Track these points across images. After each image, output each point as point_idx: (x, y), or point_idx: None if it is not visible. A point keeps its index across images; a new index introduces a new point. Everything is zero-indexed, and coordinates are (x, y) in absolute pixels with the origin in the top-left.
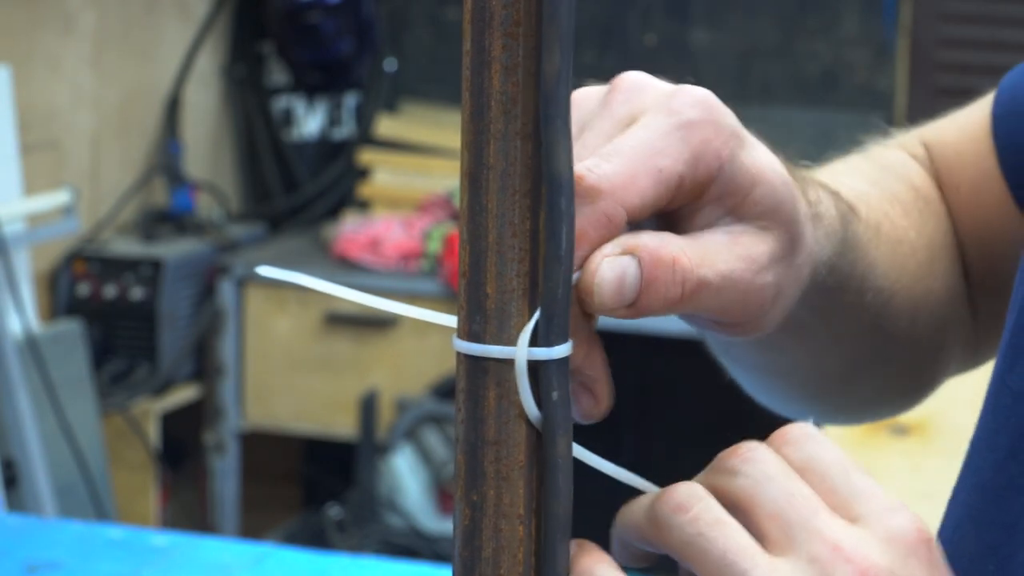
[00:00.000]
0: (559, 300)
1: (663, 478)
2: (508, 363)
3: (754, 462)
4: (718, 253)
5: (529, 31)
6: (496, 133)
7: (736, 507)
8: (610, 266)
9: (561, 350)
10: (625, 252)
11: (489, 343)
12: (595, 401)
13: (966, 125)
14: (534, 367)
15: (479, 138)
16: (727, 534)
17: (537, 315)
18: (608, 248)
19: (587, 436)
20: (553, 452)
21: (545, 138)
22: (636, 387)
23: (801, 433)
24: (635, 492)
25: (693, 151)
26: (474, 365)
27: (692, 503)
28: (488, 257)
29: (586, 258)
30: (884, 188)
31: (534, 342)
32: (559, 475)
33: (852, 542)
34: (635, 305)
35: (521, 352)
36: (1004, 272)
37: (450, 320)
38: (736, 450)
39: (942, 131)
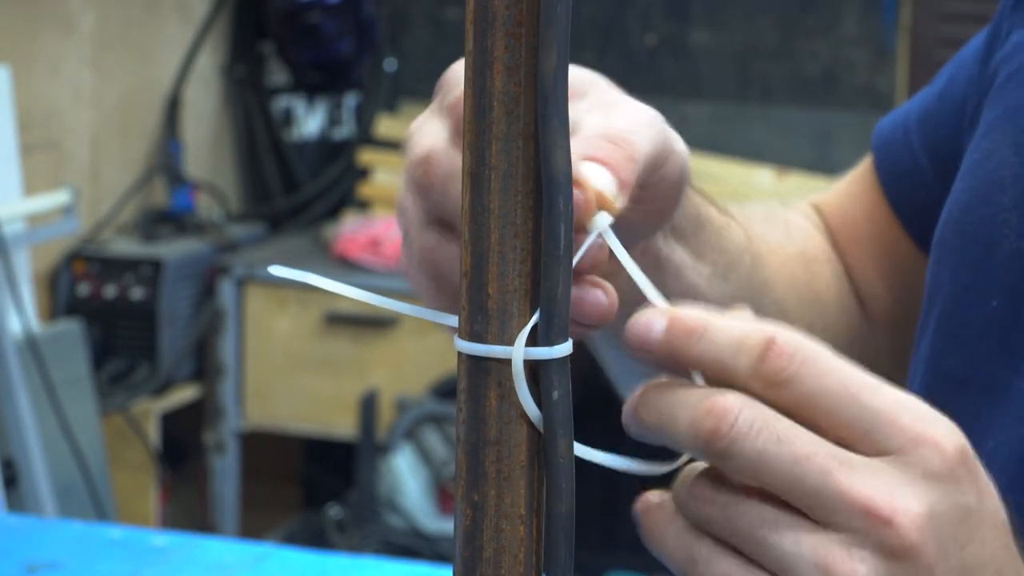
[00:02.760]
0: (559, 299)
1: (661, 476)
2: (509, 363)
3: (741, 436)
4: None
5: (531, 31)
6: (498, 133)
7: (745, 490)
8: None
9: (561, 349)
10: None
11: (491, 343)
12: (605, 293)
13: (853, 177)
14: (534, 367)
15: (481, 138)
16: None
17: (536, 315)
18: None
19: (588, 435)
20: (554, 452)
21: (542, 137)
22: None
23: (786, 358)
24: (630, 490)
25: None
26: (475, 365)
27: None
28: (490, 257)
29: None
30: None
31: (533, 342)
32: (561, 475)
33: (884, 496)
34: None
35: (518, 352)
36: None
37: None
38: (716, 426)
39: (832, 191)
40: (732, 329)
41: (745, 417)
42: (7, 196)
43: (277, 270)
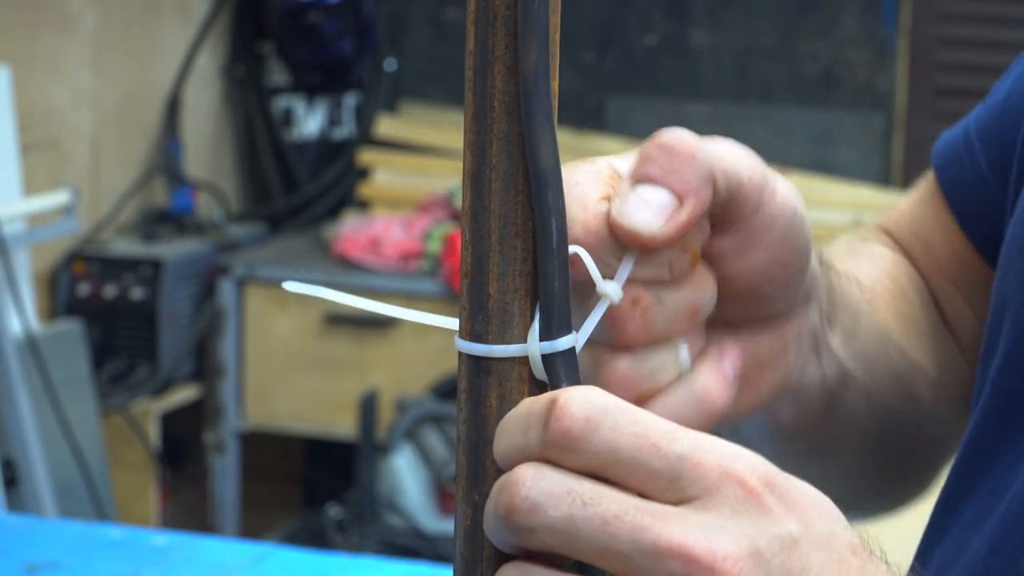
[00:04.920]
0: (557, 292)
1: None
2: (510, 363)
3: (539, 505)
4: None
5: None
6: (499, 133)
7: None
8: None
9: (565, 342)
10: None
11: (491, 343)
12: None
13: (918, 198)
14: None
15: (482, 138)
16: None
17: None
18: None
19: None
20: None
21: (527, 133)
22: None
23: (569, 419)
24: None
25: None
26: (476, 365)
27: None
28: (490, 257)
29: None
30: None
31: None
32: None
33: (702, 543)
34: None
35: (533, 348)
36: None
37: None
38: (510, 500)
39: (897, 213)
40: (519, 408)
41: (539, 486)
42: (7, 196)
43: (292, 286)
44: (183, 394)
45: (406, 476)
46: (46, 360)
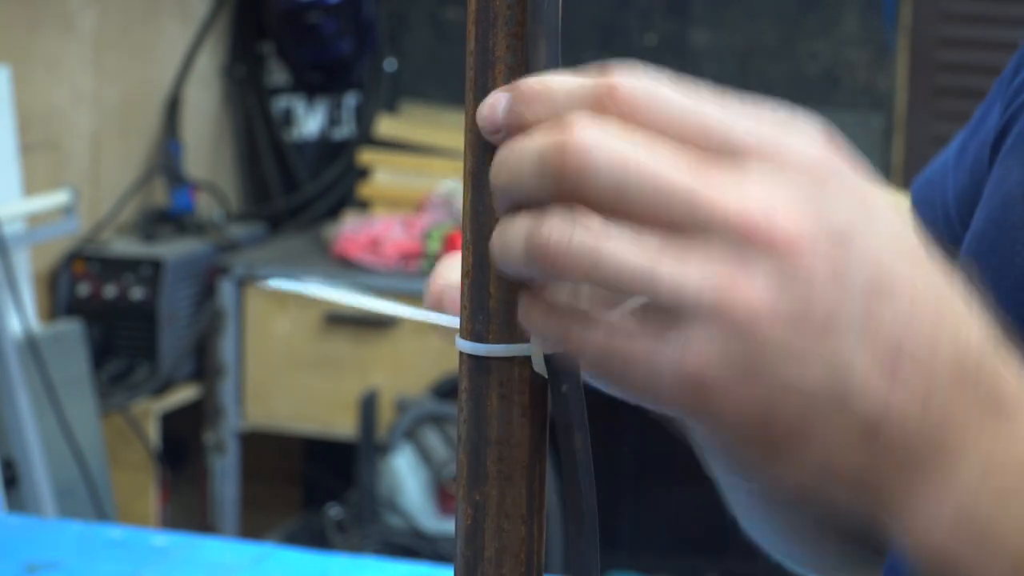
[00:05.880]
0: None
1: (660, 476)
2: (511, 362)
3: (589, 151)
4: None
5: None
6: None
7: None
8: None
9: None
10: None
11: (492, 343)
12: None
13: None
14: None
15: (483, 139)
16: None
17: None
18: None
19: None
20: (569, 447)
21: None
22: None
23: (623, 82)
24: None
25: None
26: (477, 365)
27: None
28: (491, 257)
29: None
30: None
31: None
32: (579, 469)
33: (759, 201)
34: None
35: (535, 347)
36: None
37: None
38: (563, 143)
39: None
40: (568, 80)
41: (593, 131)
42: (7, 196)
43: (277, 282)
44: (183, 394)
45: (406, 476)
46: (46, 360)
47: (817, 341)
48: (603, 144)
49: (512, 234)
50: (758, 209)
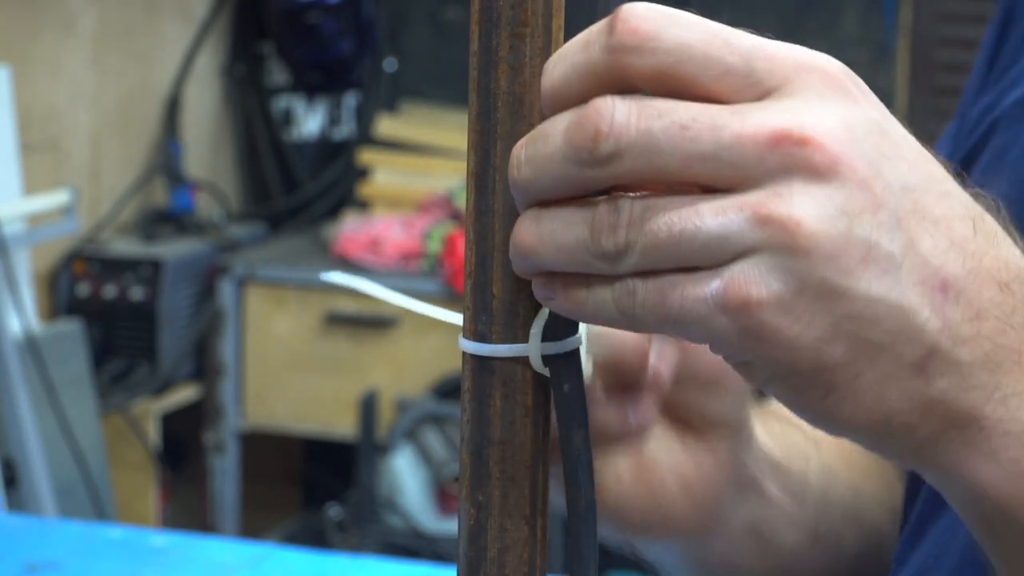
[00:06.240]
0: None
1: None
2: (514, 363)
3: (622, 127)
4: None
5: (536, 31)
6: (503, 134)
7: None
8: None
9: (570, 343)
10: None
11: (495, 343)
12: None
13: None
14: (544, 362)
15: (486, 139)
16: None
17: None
18: None
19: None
20: (570, 446)
21: None
22: None
23: (637, 20)
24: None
25: None
26: (480, 365)
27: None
28: (494, 258)
29: None
30: None
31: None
32: (579, 469)
33: (789, 120)
34: None
35: (534, 349)
36: None
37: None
38: (595, 127)
39: None
40: (579, 36)
41: (620, 108)
42: (7, 196)
43: (331, 276)
44: (183, 394)
45: (406, 476)
46: (46, 360)
47: (861, 264)
48: (631, 117)
49: (563, 229)
50: (793, 126)
